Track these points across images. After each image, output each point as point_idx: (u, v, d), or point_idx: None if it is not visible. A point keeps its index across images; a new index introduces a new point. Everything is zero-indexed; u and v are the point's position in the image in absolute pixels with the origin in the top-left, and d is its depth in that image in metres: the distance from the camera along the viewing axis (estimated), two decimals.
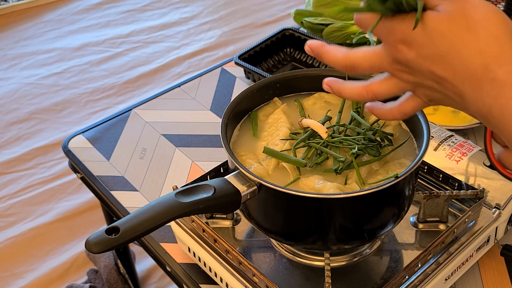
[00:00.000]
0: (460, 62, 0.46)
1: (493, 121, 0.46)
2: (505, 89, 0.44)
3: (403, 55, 0.49)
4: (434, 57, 0.47)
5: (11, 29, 2.81)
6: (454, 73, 0.47)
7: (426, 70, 0.48)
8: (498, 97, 0.45)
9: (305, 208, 0.61)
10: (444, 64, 0.47)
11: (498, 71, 0.45)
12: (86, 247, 0.52)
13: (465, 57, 0.46)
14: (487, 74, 0.45)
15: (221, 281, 0.71)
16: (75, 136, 1.07)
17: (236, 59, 1.14)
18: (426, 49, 0.47)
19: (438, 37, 0.47)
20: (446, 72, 0.47)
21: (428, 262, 0.68)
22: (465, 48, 0.46)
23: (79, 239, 1.75)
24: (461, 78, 0.46)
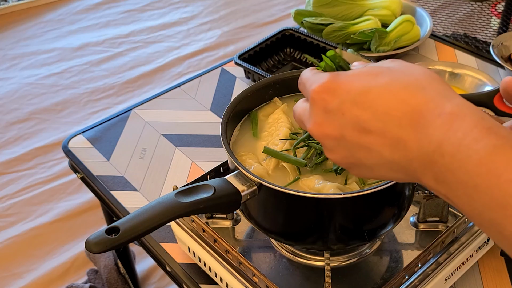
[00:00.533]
0: (398, 99, 0.42)
1: (442, 161, 0.40)
2: (459, 121, 0.39)
3: (325, 105, 0.45)
4: (364, 100, 0.43)
5: (11, 29, 2.81)
6: (388, 115, 0.42)
7: (352, 118, 0.44)
8: (452, 131, 0.39)
9: (305, 208, 0.61)
10: (376, 107, 0.43)
11: (446, 105, 0.41)
12: (86, 247, 0.52)
13: (405, 94, 0.42)
14: (434, 109, 0.41)
15: (221, 281, 0.71)
16: (75, 136, 1.07)
17: (236, 59, 1.14)
18: (354, 92, 0.44)
19: (371, 78, 0.44)
20: (377, 115, 0.43)
21: (428, 262, 0.68)
22: (404, 86, 0.43)
23: (79, 239, 1.75)
24: (398, 118, 0.42)
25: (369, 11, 1.24)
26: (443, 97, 0.42)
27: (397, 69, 0.45)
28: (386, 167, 0.45)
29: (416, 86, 0.42)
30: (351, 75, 0.45)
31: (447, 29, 1.58)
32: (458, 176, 0.39)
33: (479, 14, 1.66)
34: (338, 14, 1.23)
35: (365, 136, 0.44)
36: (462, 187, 0.39)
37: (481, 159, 0.38)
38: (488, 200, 0.38)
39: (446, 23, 1.60)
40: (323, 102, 0.46)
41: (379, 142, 0.43)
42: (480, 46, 1.50)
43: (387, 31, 1.18)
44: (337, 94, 0.45)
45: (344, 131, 0.45)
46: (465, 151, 0.39)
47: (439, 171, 0.40)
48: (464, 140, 0.39)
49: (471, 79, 1.09)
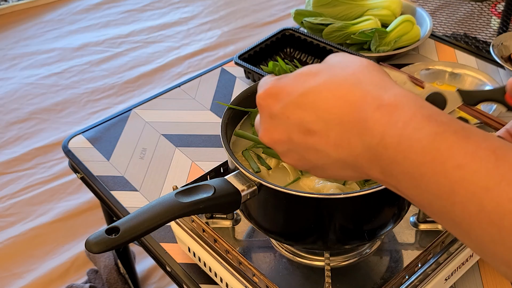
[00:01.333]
0: (337, 97, 0.42)
1: (386, 153, 0.39)
2: (398, 112, 0.39)
3: (269, 110, 0.45)
4: (306, 101, 0.43)
5: (11, 29, 2.81)
6: (329, 112, 0.42)
7: (296, 120, 0.44)
8: (392, 123, 0.39)
9: (305, 208, 0.61)
10: (317, 106, 0.42)
11: (384, 96, 0.40)
12: (86, 247, 0.52)
13: (342, 91, 0.42)
14: (372, 102, 0.40)
15: (221, 281, 0.71)
16: (75, 136, 1.07)
17: (236, 59, 1.14)
18: (295, 94, 0.44)
19: (310, 78, 0.44)
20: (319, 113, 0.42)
21: (428, 262, 0.68)
22: (341, 82, 0.42)
23: (79, 239, 1.75)
24: (339, 117, 0.41)
25: (369, 11, 1.24)
26: (380, 89, 0.41)
27: (336, 64, 0.45)
28: (335, 166, 0.44)
29: (352, 81, 0.42)
30: (292, 77, 0.45)
31: (447, 29, 1.58)
32: (404, 167, 0.39)
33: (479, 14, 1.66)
34: (338, 14, 1.23)
35: (310, 138, 0.43)
36: (409, 178, 0.39)
37: (424, 147, 0.38)
38: (436, 189, 0.37)
39: (446, 23, 1.60)
40: (268, 107, 0.46)
41: (323, 142, 0.43)
42: (480, 46, 1.50)
43: (387, 31, 1.18)
44: (279, 98, 0.45)
45: (290, 134, 0.45)
46: (407, 142, 0.38)
47: (385, 164, 0.40)
48: (405, 130, 0.38)
49: (471, 79, 1.09)
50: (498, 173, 0.35)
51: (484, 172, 0.36)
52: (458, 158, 0.36)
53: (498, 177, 0.35)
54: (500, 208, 0.35)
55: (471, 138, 0.37)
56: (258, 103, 0.47)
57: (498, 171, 0.35)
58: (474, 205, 0.36)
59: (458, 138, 0.37)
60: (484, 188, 0.35)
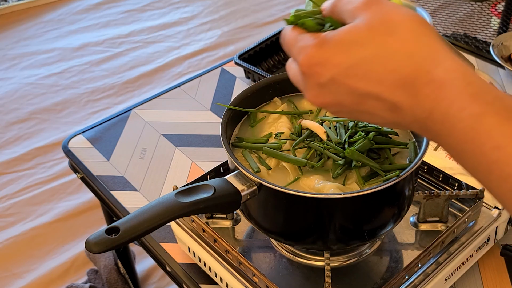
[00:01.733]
0: (388, 70, 0.42)
1: (434, 128, 0.41)
2: (446, 89, 0.40)
3: (317, 79, 0.45)
4: (356, 73, 0.43)
5: (11, 29, 2.81)
6: (382, 84, 0.42)
7: (347, 89, 0.44)
8: (439, 100, 0.40)
9: (305, 208, 0.61)
10: (368, 78, 0.42)
11: (434, 71, 0.41)
12: (86, 247, 0.52)
13: (394, 64, 0.42)
14: (423, 76, 0.41)
15: (221, 281, 0.71)
16: (75, 136, 1.07)
17: (236, 59, 1.14)
18: (344, 65, 0.43)
19: (357, 49, 0.43)
20: (371, 85, 0.42)
21: (428, 262, 0.68)
22: (392, 54, 0.42)
23: (79, 239, 1.75)
24: (392, 88, 0.42)
25: None
26: (431, 62, 0.41)
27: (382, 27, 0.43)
28: (390, 125, 0.46)
29: (403, 53, 0.42)
30: (335, 45, 0.44)
31: (447, 29, 1.58)
32: (447, 141, 0.41)
33: (479, 14, 1.66)
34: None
35: (364, 102, 0.44)
36: (453, 150, 0.42)
37: (465, 127, 0.40)
38: (474, 165, 0.41)
39: (446, 23, 1.60)
40: (315, 76, 0.45)
41: (378, 106, 0.44)
42: (480, 46, 1.50)
43: None
44: (326, 68, 0.44)
45: (342, 100, 0.45)
46: (451, 119, 0.40)
47: (433, 136, 0.43)
48: (450, 109, 0.40)
49: None
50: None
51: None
52: (496, 140, 0.39)
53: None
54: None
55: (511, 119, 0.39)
56: (302, 70, 0.46)
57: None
58: (508, 184, 0.39)
59: (499, 120, 0.39)
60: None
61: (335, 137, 0.66)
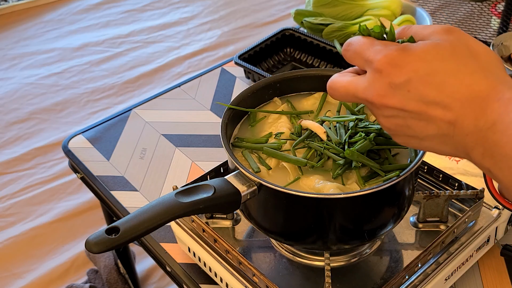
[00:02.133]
0: (463, 85, 0.46)
1: (493, 137, 0.45)
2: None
3: (391, 79, 0.47)
4: (431, 81, 0.46)
5: (11, 29, 2.81)
6: (452, 96, 0.46)
7: (417, 95, 0.47)
8: (506, 113, 0.44)
9: (305, 208, 0.61)
10: (442, 88, 0.46)
11: (505, 92, 0.45)
12: (86, 247, 0.52)
13: (470, 80, 0.46)
14: (494, 95, 0.45)
15: (221, 281, 0.71)
16: (75, 136, 1.07)
17: (236, 59, 1.14)
18: (422, 72, 0.47)
19: (439, 61, 0.47)
20: (443, 95, 0.46)
21: (428, 262, 0.68)
22: (470, 73, 0.46)
23: (79, 239, 1.75)
24: (461, 100, 0.46)
25: (369, 11, 1.24)
26: (504, 85, 0.46)
27: (461, 49, 0.47)
28: (438, 140, 0.49)
29: (481, 74, 0.46)
30: (419, 53, 0.47)
31: None
32: (505, 149, 0.44)
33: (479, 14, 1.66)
34: (338, 14, 1.23)
35: (429, 109, 0.47)
36: (507, 159, 0.44)
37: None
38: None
39: (446, 23, 1.60)
40: (390, 75, 0.47)
41: (441, 116, 0.47)
42: None
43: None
44: (404, 71, 0.47)
45: (406, 105, 0.48)
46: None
47: (489, 146, 0.45)
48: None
49: None
50: None
51: None
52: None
53: None
54: None
55: None
56: (377, 67, 0.48)
57: None
58: None
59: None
60: None
61: (335, 137, 0.66)
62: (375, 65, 0.48)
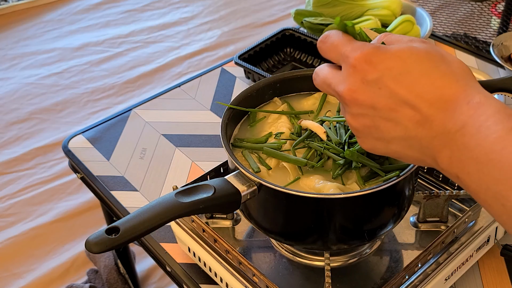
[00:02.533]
0: (434, 86, 0.46)
1: (462, 140, 0.44)
2: (484, 108, 0.44)
3: (364, 75, 0.48)
4: (403, 80, 0.47)
5: (11, 29, 2.81)
6: (422, 96, 0.46)
7: (388, 92, 0.47)
8: (476, 116, 0.44)
9: (305, 208, 0.61)
10: (413, 88, 0.47)
11: (475, 96, 0.45)
12: (86, 247, 0.52)
13: (441, 83, 0.46)
14: (464, 97, 0.45)
15: (221, 281, 0.71)
16: (75, 136, 1.07)
17: (236, 59, 1.14)
18: (396, 71, 0.47)
19: (413, 62, 0.47)
20: (413, 95, 0.47)
21: (428, 262, 0.68)
22: (442, 76, 0.47)
23: (79, 239, 1.75)
24: (431, 101, 0.46)
25: (369, 11, 1.24)
26: (473, 89, 0.46)
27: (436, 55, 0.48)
28: (405, 143, 0.48)
29: (452, 77, 0.47)
30: (394, 52, 0.48)
31: (447, 29, 1.58)
32: (473, 153, 0.43)
33: (479, 14, 1.66)
34: (338, 14, 1.23)
35: (397, 109, 0.47)
36: (475, 163, 0.43)
37: (498, 138, 0.42)
38: (498, 174, 0.42)
39: (446, 23, 1.60)
40: (363, 71, 0.48)
41: (409, 116, 0.47)
42: (480, 46, 1.50)
43: (387, 31, 1.18)
44: (378, 68, 0.48)
45: (377, 102, 0.48)
46: (484, 131, 0.43)
47: (457, 149, 0.45)
48: (486, 122, 0.43)
49: None
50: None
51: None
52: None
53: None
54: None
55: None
56: (353, 64, 0.49)
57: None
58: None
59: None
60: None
61: (335, 137, 0.66)
62: (350, 60, 0.49)
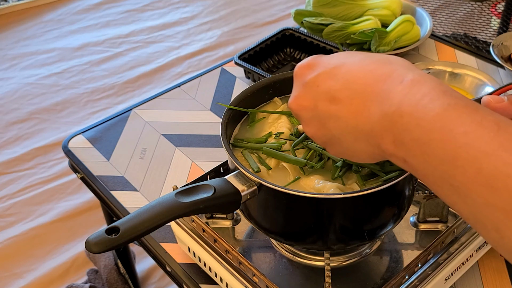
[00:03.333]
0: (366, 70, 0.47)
1: (401, 121, 0.43)
2: (419, 86, 0.44)
3: (304, 78, 0.51)
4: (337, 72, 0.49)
5: (11, 29, 2.81)
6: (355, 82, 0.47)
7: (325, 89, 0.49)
8: (411, 94, 0.43)
9: (305, 208, 0.61)
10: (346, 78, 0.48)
11: (408, 74, 0.45)
12: (86, 247, 0.52)
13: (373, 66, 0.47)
14: (397, 77, 0.45)
15: (221, 281, 0.71)
16: (75, 136, 1.07)
17: (236, 59, 1.14)
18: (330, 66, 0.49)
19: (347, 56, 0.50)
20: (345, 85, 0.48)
21: (428, 262, 0.68)
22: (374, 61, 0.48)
23: (79, 239, 1.75)
24: (364, 85, 0.47)
25: (369, 11, 1.24)
26: (406, 69, 0.46)
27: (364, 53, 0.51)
28: (351, 136, 0.49)
29: (384, 61, 0.48)
30: (332, 55, 0.52)
31: (447, 29, 1.58)
32: (414, 133, 0.43)
33: (479, 14, 1.66)
34: (338, 14, 1.23)
35: (334, 105, 0.48)
36: (418, 144, 0.43)
37: (436, 115, 0.41)
38: (441, 153, 0.41)
39: (446, 23, 1.60)
40: (302, 76, 0.51)
41: (345, 110, 0.48)
42: (480, 46, 1.50)
43: (387, 31, 1.18)
44: (314, 68, 0.51)
45: (317, 102, 0.50)
46: (422, 110, 0.42)
47: (398, 132, 0.44)
48: (421, 101, 0.43)
49: (471, 79, 1.09)
50: (498, 140, 0.39)
51: (486, 139, 0.39)
52: (465, 126, 0.40)
53: (497, 144, 0.39)
54: (496, 170, 0.38)
55: (479, 111, 0.41)
56: (295, 73, 0.53)
57: (498, 139, 0.39)
58: (473, 168, 0.39)
59: (468, 109, 0.41)
60: (484, 152, 0.39)
61: None
62: (295, 71, 0.53)
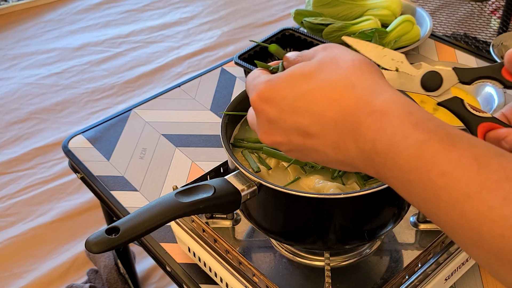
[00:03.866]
0: (331, 100, 0.42)
1: (378, 159, 0.41)
2: (388, 119, 0.40)
3: (266, 115, 0.46)
4: (300, 105, 0.44)
5: (11, 29, 2.81)
6: (323, 116, 0.43)
7: (293, 124, 0.44)
8: (382, 130, 0.40)
9: (305, 208, 0.61)
10: (312, 110, 0.43)
11: (375, 102, 0.41)
12: (86, 247, 0.52)
13: (336, 95, 0.42)
14: (365, 107, 0.41)
15: (221, 281, 0.71)
16: (75, 136, 1.07)
17: (236, 59, 1.14)
18: (290, 98, 0.44)
19: (304, 81, 0.44)
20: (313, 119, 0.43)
21: (428, 262, 0.68)
22: (335, 86, 0.43)
23: (79, 239, 1.75)
24: (333, 120, 0.42)
25: (369, 11, 1.24)
26: (372, 94, 0.42)
27: (328, 63, 0.45)
28: (335, 164, 0.46)
29: (345, 84, 0.43)
30: (284, 79, 0.45)
31: (447, 29, 1.58)
32: (393, 172, 0.41)
33: (479, 14, 1.66)
34: (338, 14, 1.23)
35: (309, 140, 0.45)
36: (399, 182, 0.41)
37: (410, 155, 0.39)
38: (422, 194, 0.39)
39: (446, 23, 1.60)
40: (264, 112, 0.46)
41: (321, 144, 0.44)
42: (480, 46, 1.50)
43: (387, 31, 1.18)
44: (274, 103, 0.45)
45: (290, 137, 0.46)
46: (395, 149, 0.40)
47: (378, 168, 0.42)
48: (393, 138, 0.40)
49: None
50: (479, 180, 0.37)
51: (466, 180, 0.37)
52: (442, 166, 0.38)
53: (479, 185, 0.36)
54: (480, 215, 0.36)
55: (456, 146, 0.38)
56: (253, 107, 0.48)
57: (479, 179, 0.37)
58: (456, 211, 0.37)
59: (443, 146, 0.38)
60: (465, 195, 0.37)
61: None
62: (252, 105, 0.47)
